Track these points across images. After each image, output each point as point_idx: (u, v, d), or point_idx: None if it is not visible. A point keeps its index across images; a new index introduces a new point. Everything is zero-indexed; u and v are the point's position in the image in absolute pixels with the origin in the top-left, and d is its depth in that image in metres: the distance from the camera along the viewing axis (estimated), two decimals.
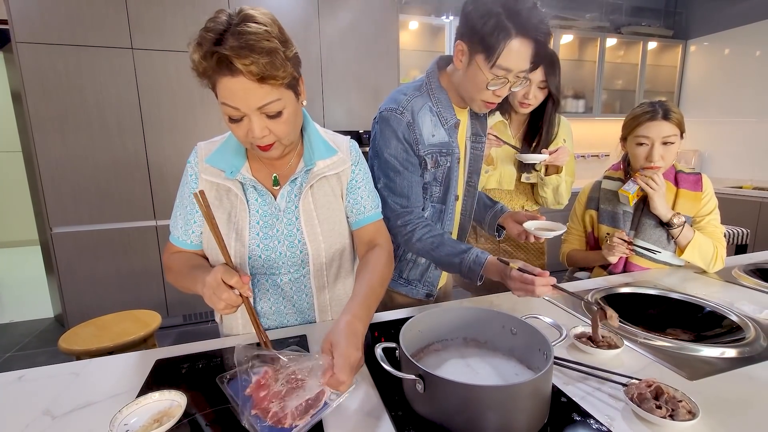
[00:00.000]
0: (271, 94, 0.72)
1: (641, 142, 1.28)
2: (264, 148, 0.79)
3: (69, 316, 2.56)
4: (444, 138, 1.06)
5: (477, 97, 0.98)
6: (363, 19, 2.93)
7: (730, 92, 3.87)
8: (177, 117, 2.62)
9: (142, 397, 0.65)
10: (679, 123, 1.25)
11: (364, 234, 0.98)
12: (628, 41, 4.01)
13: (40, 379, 0.78)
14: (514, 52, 0.88)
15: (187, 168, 0.90)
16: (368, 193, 0.98)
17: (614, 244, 1.27)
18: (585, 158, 4.30)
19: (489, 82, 0.93)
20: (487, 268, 0.96)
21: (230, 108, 0.73)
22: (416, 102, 1.03)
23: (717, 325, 0.97)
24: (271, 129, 0.76)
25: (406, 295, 1.20)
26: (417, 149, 1.03)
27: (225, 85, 0.71)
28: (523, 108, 1.46)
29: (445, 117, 1.05)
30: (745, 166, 3.81)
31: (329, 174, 0.91)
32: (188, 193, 0.89)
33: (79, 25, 2.35)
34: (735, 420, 0.63)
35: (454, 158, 1.07)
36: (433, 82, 1.06)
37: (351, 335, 0.68)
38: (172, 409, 0.64)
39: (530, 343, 0.71)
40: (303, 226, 0.90)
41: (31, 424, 0.65)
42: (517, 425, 0.57)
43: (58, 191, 2.46)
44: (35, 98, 2.34)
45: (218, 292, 0.72)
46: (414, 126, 1.02)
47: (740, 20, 3.74)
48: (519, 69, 0.91)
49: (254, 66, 0.68)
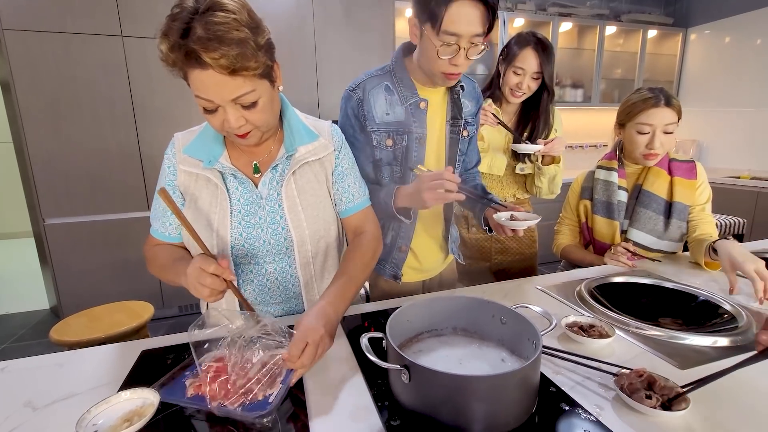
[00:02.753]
0: (244, 86, 0.70)
1: (643, 130, 1.25)
2: (242, 136, 0.78)
3: (64, 307, 2.56)
4: (401, 116, 1.07)
5: (435, 69, 0.98)
6: (358, 7, 2.88)
7: (730, 82, 3.84)
8: (169, 106, 2.58)
9: (113, 396, 0.63)
10: (678, 110, 1.24)
11: (352, 221, 0.98)
12: (627, 29, 3.96)
13: (24, 370, 0.77)
14: (457, 16, 0.88)
15: (164, 160, 0.88)
16: (355, 180, 0.98)
17: (618, 254, 1.22)
18: (583, 148, 4.27)
19: (438, 49, 0.92)
20: (397, 195, 1.01)
21: (203, 100, 0.71)
22: (372, 81, 1.07)
23: (711, 314, 0.96)
24: (247, 118, 0.75)
25: (381, 276, 1.21)
26: (365, 125, 1.06)
27: (196, 77, 0.68)
28: (515, 97, 1.44)
29: (405, 95, 1.06)
30: (744, 156, 3.80)
31: (311, 160, 0.90)
32: (165, 183, 0.88)
33: (68, 11, 2.30)
34: (725, 409, 0.63)
35: (412, 137, 1.07)
36: (397, 64, 1.08)
37: (318, 316, 0.72)
38: (144, 408, 0.62)
39: (519, 332, 0.70)
40: (286, 213, 0.88)
41: (12, 416, 0.64)
42: (503, 415, 0.56)
43: (50, 182, 2.44)
44: (24, 87, 2.30)
45: (201, 280, 0.71)
46: (364, 102, 1.05)
47: (741, 7, 3.69)
48: (469, 33, 0.90)
49: (224, 59, 0.65)
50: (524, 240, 1.64)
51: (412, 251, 1.20)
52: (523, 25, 3.67)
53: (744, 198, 3.21)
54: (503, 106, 1.52)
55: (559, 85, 3.88)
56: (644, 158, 1.28)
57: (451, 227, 1.24)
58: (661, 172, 1.30)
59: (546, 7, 3.75)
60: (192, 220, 0.86)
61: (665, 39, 4.18)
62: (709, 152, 4.08)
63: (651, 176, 1.31)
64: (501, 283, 1.18)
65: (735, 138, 3.85)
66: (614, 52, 4.04)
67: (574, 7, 3.78)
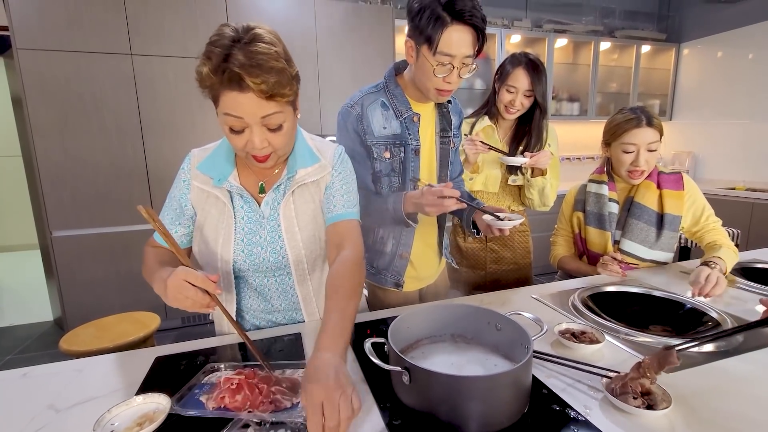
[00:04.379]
0: (275, 108, 0.76)
1: (628, 149, 1.32)
2: (260, 159, 0.83)
3: (68, 319, 2.59)
4: (397, 130, 1.15)
5: (430, 86, 1.06)
6: (359, 25, 2.98)
7: (723, 94, 3.92)
8: (175, 121, 2.66)
9: (130, 399, 0.66)
10: (660, 129, 1.31)
11: (333, 233, 0.93)
12: (621, 45, 4.07)
13: (44, 375, 0.82)
14: (451, 39, 0.97)
15: (180, 173, 0.93)
16: (343, 193, 0.95)
17: (606, 263, 1.30)
18: (580, 160, 4.34)
19: (434, 68, 1.01)
20: (406, 200, 1.07)
21: (233, 118, 0.75)
22: (368, 98, 1.15)
23: (697, 322, 1.01)
24: (270, 141, 0.80)
25: (382, 287, 1.25)
26: (365, 139, 1.13)
27: (233, 98, 0.73)
28: (509, 114, 1.52)
29: (400, 110, 1.15)
30: (739, 167, 3.86)
31: (309, 181, 0.93)
32: (179, 196, 0.92)
33: (78, 31, 2.39)
34: (706, 409, 0.67)
35: (408, 149, 1.15)
36: (390, 81, 1.17)
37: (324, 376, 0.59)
38: (156, 413, 0.65)
39: (513, 338, 0.74)
40: (284, 233, 0.92)
41: (37, 417, 0.68)
42: (497, 414, 0.61)
43: (57, 195, 2.49)
44: (35, 103, 2.38)
45: (183, 291, 0.71)
46: (363, 118, 1.13)
47: (733, 23, 3.79)
48: (461, 55, 0.99)
49: (264, 85, 0.71)
50: (518, 250, 1.69)
51: (411, 262, 1.25)
52: (519, 42, 3.77)
53: (739, 209, 3.26)
54: (499, 122, 1.60)
55: (556, 98, 3.96)
56: (629, 175, 1.34)
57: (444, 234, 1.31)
58: (650, 185, 1.35)
59: (542, 24, 3.86)
60: (200, 235, 0.91)
61: (659, 54, 4.28)
62: (704, 164, 4.14)
63: (642, 189, 1.37)
64: (498, 293, 1.22)
65: (730, 149, 3.91)
66: (609, 66, 4.14)
67: (569, 23, 3.89)
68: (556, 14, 3.96)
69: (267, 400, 0.67)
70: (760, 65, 3.62)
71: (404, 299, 1.27)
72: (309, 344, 0.90)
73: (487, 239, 1.66)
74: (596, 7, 4.11)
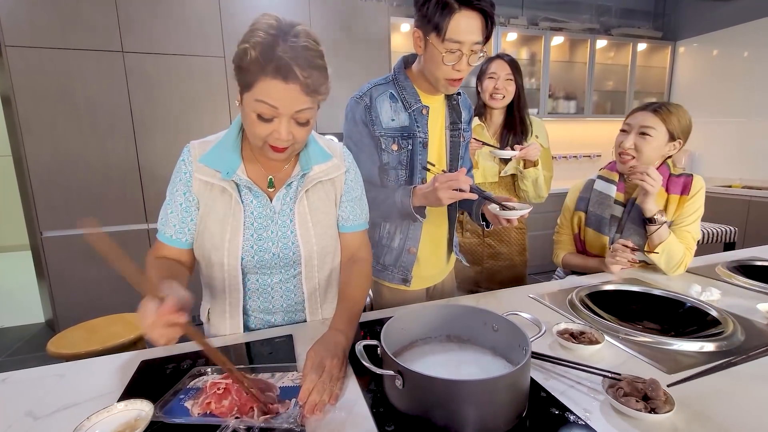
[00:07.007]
0: (309, 103, 0.77)
1: (623, 129, 1.31)
2: (279, 150, 0.82)
3: (60, 320, 2.55)
4: (405, 122, 1.13)
5: (439, 76, 1.05)
6: (354, 22, 2.95)
7: (719, 92, 3.92)
8: (168, 120, 2.62)
9: (111, 406, 0.63)
10: (664, 120, 1.23)
11: (351, 240, 1.02)
12: (618, 43, 4.06)
13: (25, 380, 0.78)
14: (460, 25, 0.96)
15: (180, 165, 0.89)
16: (360, 201, 1.03)
17: (616, 252, 1.24)
18: (577, 158, 4.33)
19: (443, 56, 0.99)
20: (414, 194, 1.05)
21: (267, 106, 0.75)
22: (377, 89, 1.13)
23: (698, 320, 0.99)
24: (294, 133, 0.80)
25: (388, 284, 1.23)
26: (373, 130, 1.12)
27: (273, 86, 0.73)
28: (495, 102, 1.58)
29: (409, 102, 1.13)
30: (735, 165, 3.86)
31: (324, 179, 0.94)
32: (183, 191, 0.88)
33: (69, 28, 2.35)
34: (709, 412, 0.65)
35: (416, 141, 1.13)
36: (399, 74, 1.15)
37: (330, 346, 0.75)
38: (138, 420, 0.62)
39: (511, 339, 0.72)
40: (297, 228, 0.92)
41: (14, 425, 0.65)
42: (494, 419, 0.58)
43: (48, 195, 2.45)
44: (25, 101, 2.33)
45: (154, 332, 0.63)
46: (371, 109, 1.11)
47: (728, 22, 3.79)
48: (470, 41, 0.98)
49: (309, 79, 0.73)
50: (515, 246, 1.72)
51: (417, 259, 1.22)
52: (515, 40, 3.75)
53: (736, 206, 3.26)
54: (487, 120, 1.67)
55: (553, 97, 3.95)
56: (619, 159, 1.31)
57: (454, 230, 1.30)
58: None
59: (538, 22, 3.84)
60: (203, 229, 0.88)
61: (655, 52, 4.28)
62: (701, 162, 4.14)
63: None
64: (495, 292, 1.20)
65: (726, 147, 3.92)
66: (605, 64, 4.13)
67: (565, 21, 3.88)
68: (553, 12, 3.94)
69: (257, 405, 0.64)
70: (755, 63, 3.62)
71: (411, 298, 1.25)
72: (300, 348, 0.87)
73: (484, 234, 1.69)
74: (592, 5, 4.10)
